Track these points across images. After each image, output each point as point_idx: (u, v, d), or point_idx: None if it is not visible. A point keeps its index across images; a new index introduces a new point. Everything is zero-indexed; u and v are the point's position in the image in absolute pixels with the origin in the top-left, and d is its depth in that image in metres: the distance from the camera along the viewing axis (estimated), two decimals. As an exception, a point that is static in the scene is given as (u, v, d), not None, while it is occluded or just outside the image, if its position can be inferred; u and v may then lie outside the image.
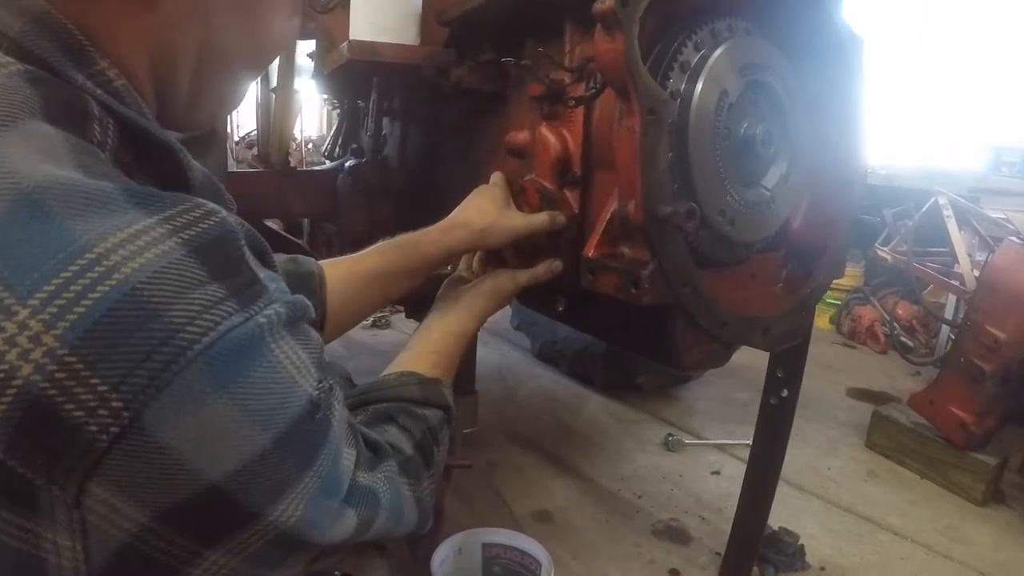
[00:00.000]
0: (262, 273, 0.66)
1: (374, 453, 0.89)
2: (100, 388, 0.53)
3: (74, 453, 0.54)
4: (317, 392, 0.69)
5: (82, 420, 0.53)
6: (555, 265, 1.47)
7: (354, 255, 1.39)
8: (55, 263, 0.54)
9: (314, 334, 0.73)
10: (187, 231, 0.59)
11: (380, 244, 1.40)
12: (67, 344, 0.53)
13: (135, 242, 0.56)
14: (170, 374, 0.55)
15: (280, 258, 1.27)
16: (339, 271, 1.33)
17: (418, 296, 1.46)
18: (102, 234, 0.55)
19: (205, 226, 0.61)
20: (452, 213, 1.44)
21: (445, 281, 1.49)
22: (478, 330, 1.39)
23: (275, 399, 0.63)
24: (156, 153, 0.70)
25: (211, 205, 0.63)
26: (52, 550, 0.59)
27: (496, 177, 1.54)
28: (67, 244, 0.54)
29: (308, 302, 0.72)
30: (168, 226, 0.58)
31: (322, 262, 1.34)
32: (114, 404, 0.54)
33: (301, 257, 1.32)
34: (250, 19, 0.84)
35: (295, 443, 0.66)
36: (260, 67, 0.95)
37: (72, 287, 0.53)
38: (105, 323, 0.54)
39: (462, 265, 1.59)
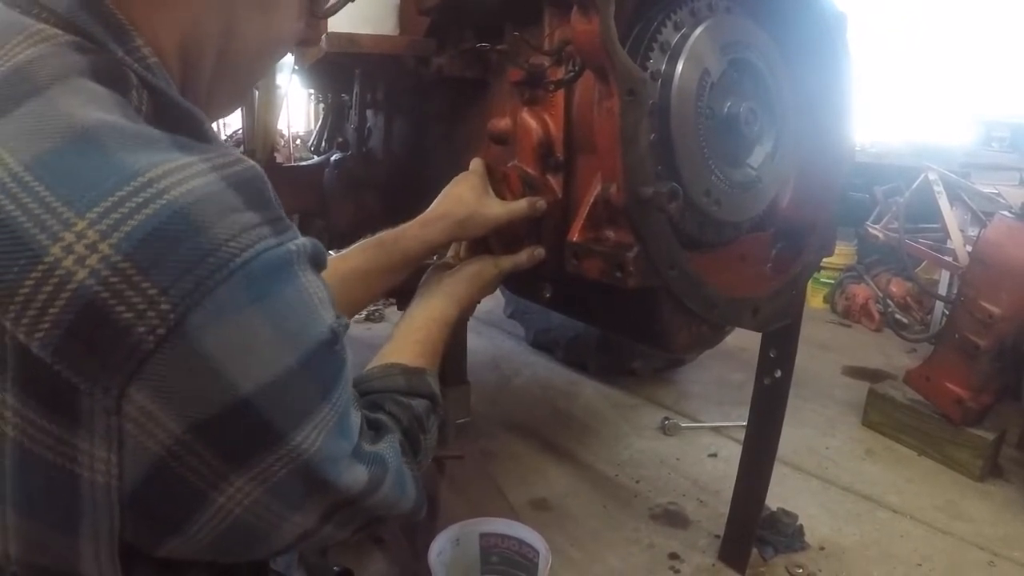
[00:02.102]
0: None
1: (376, 431, 0.93)
2: (150, 291, 0.58)
3: (121, 353, 0.59)
4: (335, 324, 0.74)
5: (131, 321, 0.58)
6: (537, 252, 1.46)
7: (335, 255, 1.38)
8: (110, 184, 0.59)
9: (324, 280, 0.77)
10: (225, 169, 0.66)
11: (361, 242, 1.40)
12: (121, 252, 0.58)
13: (181, 173, 0.62)
14: (213, 282, 0.61)
15: None
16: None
17: (408, 289, 1.45)
18: (151, 163, 0.62)
19: (240, 168, 0.68)
20: (432, 204, 1.43)
21: (429, 268, 1.48)
22: (462, 316, 1.37)
23: (302, 320, 0.70)
24: (185, 124, 0.73)
25: (238, 153, 0.71)
26: (87, 463, 0.62)
27: (475, 164, 1.53)
28: (120, 170, 0.60)
29: (324, 249, 0.78)
30: (208, 164, 0.65)
31: None
32: (162, 307, 0.59)
33: None
34: (268, 15, 0.89)
35: (317, 368, 0.72)
36: (270, 63, 0.99)
37: (127, 204, 0.59)
38: (156, 235, 0.59)
39: (450, 252, 1.57)
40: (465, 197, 1.44)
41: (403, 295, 2.36)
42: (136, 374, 0.59)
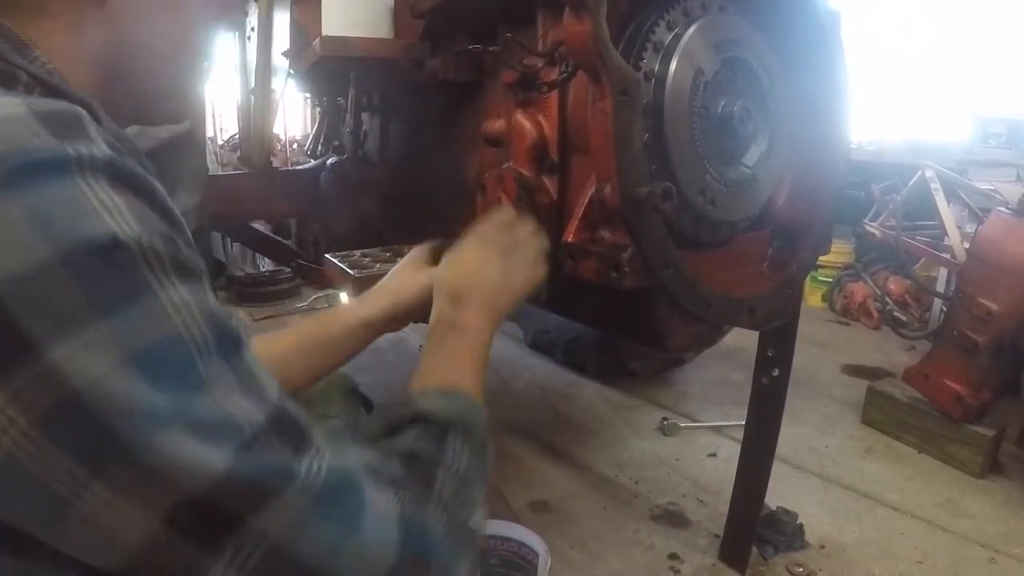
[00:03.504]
0: (101, 149, 0.65)
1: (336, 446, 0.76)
2: None
3: None
4: (130, 239, 0.62)
5: None
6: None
7: (274, 333, 1.35)
8: None
9: (154, 189, 0.68)
10: (41, 107, 0.63)
11: (302, 322, 1.39)
12: None
13: None
14: None
15: None
16: (260, 349, 1.21)
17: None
18: None
19: (57, 108, 0.65)
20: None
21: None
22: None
23: (67, 216, 0.61)
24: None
25: (84, 121, 0.66)
26: None
27: (416, 249, 1.47)
28: None
29: (146, 166, 0.70)
30: (26, 102, 0.63)
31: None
32: None
33: None
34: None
35: (85, 274, 0.60)
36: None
37: None
38: None
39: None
40: (401, 270, 1.42)
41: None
42: None
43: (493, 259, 1.23)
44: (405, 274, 1.41)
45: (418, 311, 1.35)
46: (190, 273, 0.67)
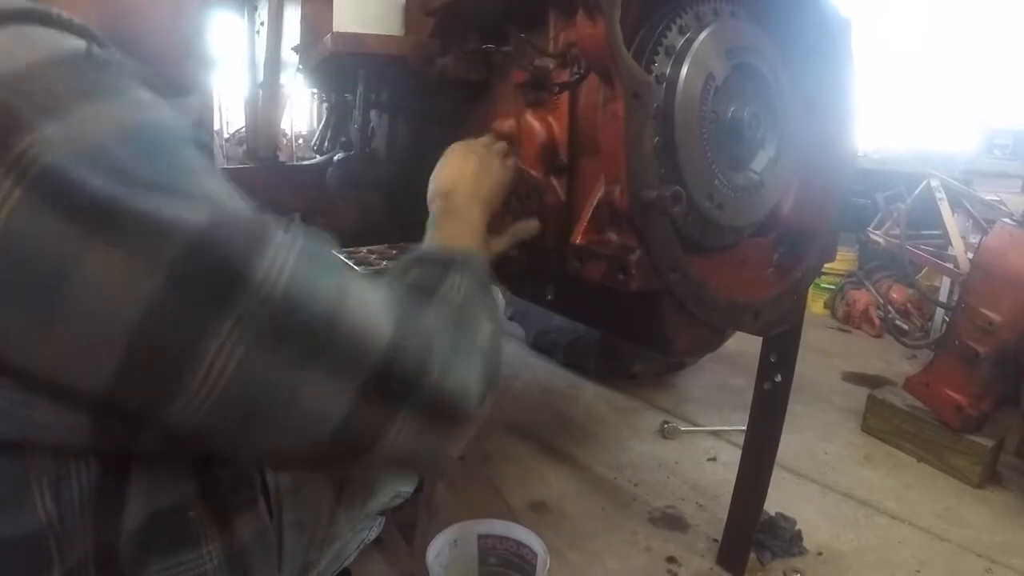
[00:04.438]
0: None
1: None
2: None
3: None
4: (107, 54, 0.69)
5: None
6: (531, 224, 1.44)
7: None
8: None
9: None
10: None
11: None
12: None
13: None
14: None
15: None
16: None
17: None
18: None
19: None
20: None
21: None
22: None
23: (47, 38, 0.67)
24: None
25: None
26: None
27: None
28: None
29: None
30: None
31: None
32: None
33: None
34: None
35: (76, 71, 0.66)
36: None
37: None
38: None
39: None
40: None
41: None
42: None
43: (469, 159, 1.36)
44: None
45: None
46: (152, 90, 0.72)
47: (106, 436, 0.68)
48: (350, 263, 1.31)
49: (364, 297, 0.77)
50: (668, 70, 1.32)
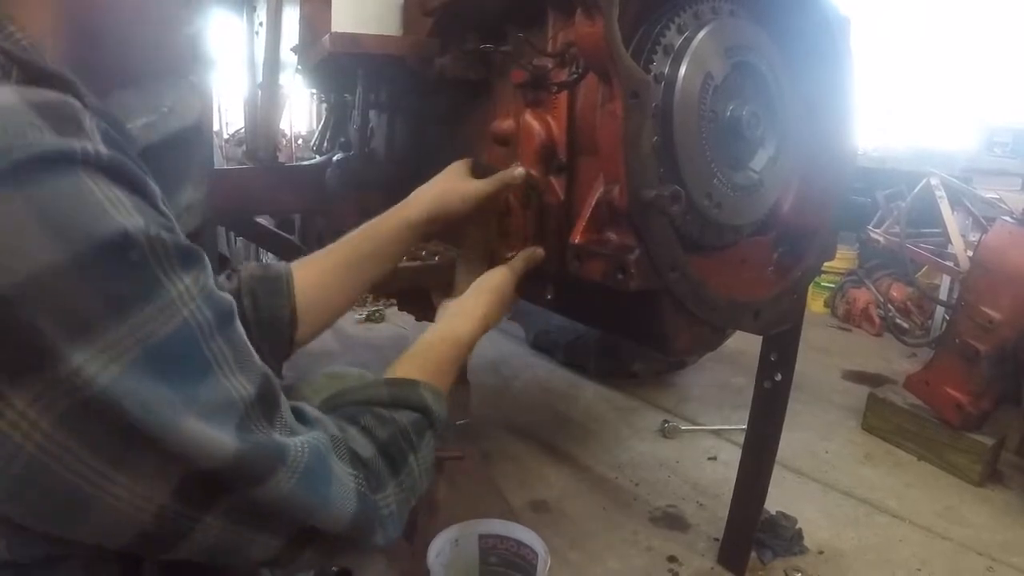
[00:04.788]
0: (102, 148, 0.65)
1: (307, 424, 0.84)
2: None
3: None
4: (138, 232, 0.63)
5: None
6: (536, 253, 1.46)
7: (322, 250, 1.39)
8: None
9: (152, 201, 0.69)
10: (35, 97, 0.62)
11: (347, 235, 1.40)
12: None
13: None
14: None
15: (251, 265, 1.29)
16: (310, 269, 1.33)
17: (409, 288, 1.45)
18: None
19: (52, 98, 0.63)
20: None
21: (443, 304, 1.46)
22: (477, 333, 1.30)
23: (77, 215, 0.60)
24: (55, 86, 0.68)
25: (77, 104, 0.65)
26: None
27: (457, 162, 1.52)
28: None
29: (141, 167, 0.69)
30: (18, 93, 0.62)
31: (293, 263, 1.34)
32: None
33: (271, 263, 1.33)
34: None
35: (100, 274, 0.61)
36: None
37: None
38: None
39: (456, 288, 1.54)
40: (443, 177, 1.46)
41: (402, 295, 2.38)
42: None
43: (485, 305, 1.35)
44: (448, 182, 1.45)
45: (455, 217, 1.44)
46: (191, 257, 0.70)
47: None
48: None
49: (330, 501, 0.80)
50: (667, 69, 1.32)
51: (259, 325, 1.23)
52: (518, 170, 1.44)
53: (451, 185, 1.43)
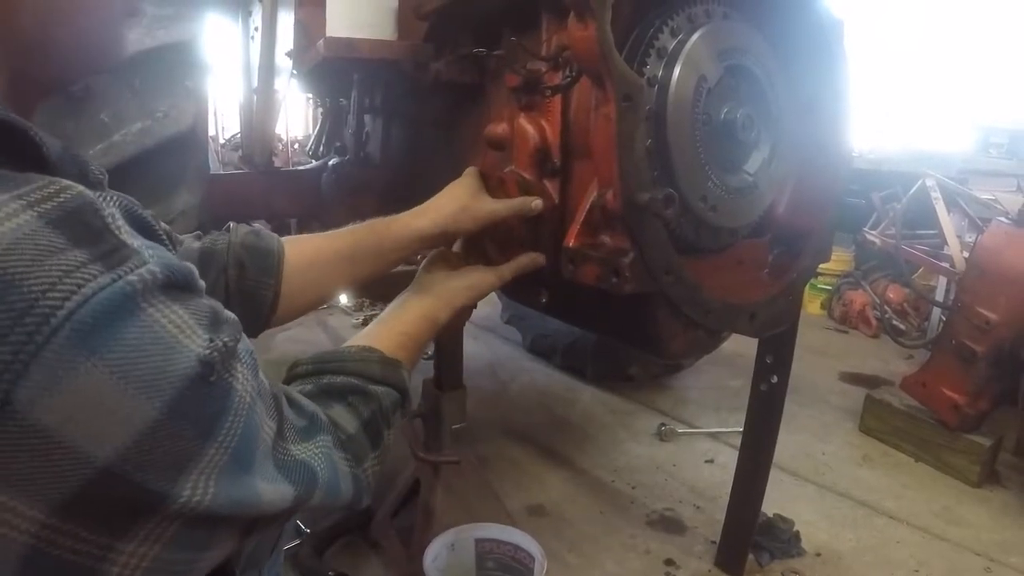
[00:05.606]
0: (136, 241, 0.61)
1: (308, 422, 0.87)
2: None
3: None
4: (208, 351, 0.63)
5: None
6: (538, 259, 1.46)
7: (324, 234, 1.38)
8: None
9: (203, 302, 0.67)
10: (41, 205, 0.56)
11: (351, 225, 1.39)
12: None
13: None
14: (35, 346, 0.52)
15: (242, 230, 1.27)
16: (306, 250, 1.32)
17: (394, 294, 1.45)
18: None
19: (61, 199, 0.57)
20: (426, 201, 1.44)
21: (429, 255, 1.47)
22: (452, 321, 1.35)
23: (156, 361, 0.58)
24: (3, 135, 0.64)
25: (65, 181, 0.59)
26: None
27: (469, 171, 1.52)
28: None
29: (193, 270, 0.67)
30: (21, 201, 0.56)
31: (289, 239, 1.33)
32: None
33: (264, 232, 1.31)
34: None
35: (189, 409, 0.61)
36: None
37: None
38: None
39: (455, 247, 1.56)
40: (459, 194, 1.44)
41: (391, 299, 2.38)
42: None
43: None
44: (462, 199, 1.44)
45: (465, 234, 1.48)
46: (241, 345, 0.70)
47: None
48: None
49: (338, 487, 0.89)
50: (660, 72, 1.31)
51: (240, 298, 1.22)
52: (536, 202, 1.43)
53: (465, 203, 1.42)
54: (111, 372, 0.55)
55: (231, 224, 1.30)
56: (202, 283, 0.68)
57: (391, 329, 1.21)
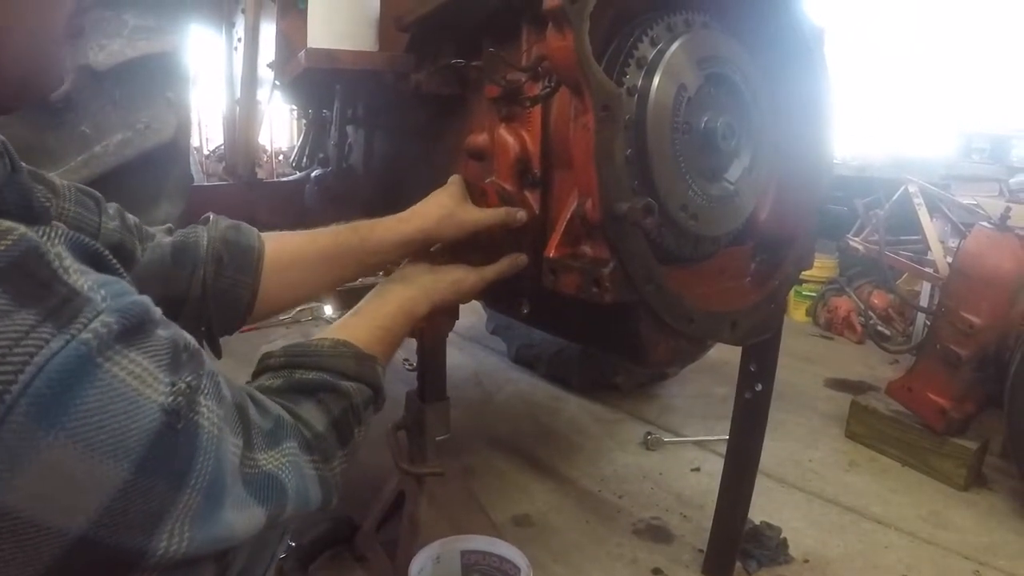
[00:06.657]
0: (87, 281, 0.58)
1: (274, 424, 0.84)
2: None
3: None
4: (172, 399, 0.60)
5: None
6: (519, 260, 1.45)
7: (306, 232, 1.37)
8: None
9: (162, 334, 0.63)
10: None
11: (334, 226, 1.38)
12: None
13: None
14: None
15: (222, 223, 1.26)
16: (287, 248, 1.31)
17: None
18: None
19: (1, 248, 0.54)
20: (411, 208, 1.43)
21: (413, 255, 1.46)
22: (431, 316, 1.34)
23: (120, 421, 0.56)
24: None
25: (5, 223, 0.55)
26: None
27: (454, 178, 1.52)
28: None
29: (147, 302, 0.64)
30: None
31: (270, 235, 1.31)
32: None
33: (244, 227, 1.29)
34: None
35: (159, 463, 0.59)
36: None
37: None
38: None
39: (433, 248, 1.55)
40: (444, 202, 1.44)
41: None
42: None
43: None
44: (447, 207, 1.43)
45: (448, 241, 1.46)
46: (204, 373, 0.68)
47: None
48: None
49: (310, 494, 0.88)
50: (640, 82, 1.31)
51: (216, 295, 1.20)
52: (520, 213, 1.43)
53: (451, 210, 1.42)
54: (74, 442, 0.53)
55: (210, 215, 1.28)
56: (157, 312, 0.65)
57: (369, 322, 1.20)
